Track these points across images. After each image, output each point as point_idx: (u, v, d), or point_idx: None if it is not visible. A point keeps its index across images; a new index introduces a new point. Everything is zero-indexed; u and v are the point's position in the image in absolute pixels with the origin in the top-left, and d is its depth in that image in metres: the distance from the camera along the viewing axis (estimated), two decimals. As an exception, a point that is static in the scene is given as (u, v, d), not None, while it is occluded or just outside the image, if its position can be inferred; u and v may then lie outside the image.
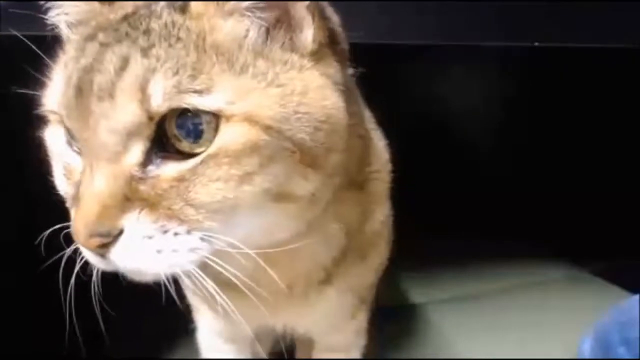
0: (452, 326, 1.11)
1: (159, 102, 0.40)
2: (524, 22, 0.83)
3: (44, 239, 0.52)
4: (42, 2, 0.50)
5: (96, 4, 0.48)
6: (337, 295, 0.64)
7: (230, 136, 0.41)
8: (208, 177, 0.42)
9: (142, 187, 0.41)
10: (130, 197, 0.41)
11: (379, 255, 0.68)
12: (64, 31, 0.50)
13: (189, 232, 0.42)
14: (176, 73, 0.41)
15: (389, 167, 0.66)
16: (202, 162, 0.41)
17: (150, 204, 0.41)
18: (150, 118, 0.41)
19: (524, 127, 1.59)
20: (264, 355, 0.87)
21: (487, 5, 0.80)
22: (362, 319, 0.77)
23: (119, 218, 0.41)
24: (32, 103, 0.48)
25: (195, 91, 0.41)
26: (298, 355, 0.89)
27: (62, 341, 0.59)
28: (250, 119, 0.42)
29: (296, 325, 0.70)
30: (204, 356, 0.80)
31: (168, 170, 0.42)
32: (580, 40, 0.85)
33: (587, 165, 1.51)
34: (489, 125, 1.61)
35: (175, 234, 0.42)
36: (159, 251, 0.42)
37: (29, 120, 0.50)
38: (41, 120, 0.50)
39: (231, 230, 0.44)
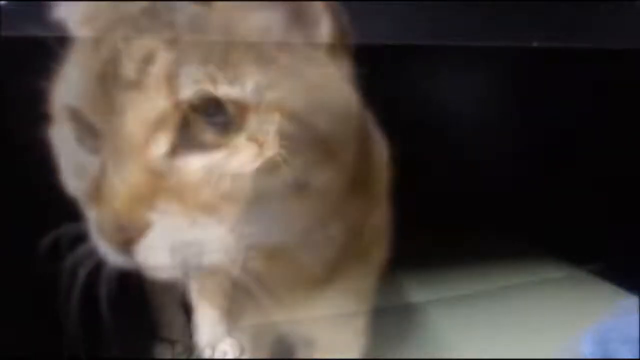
0: (452, 326, 1.11)
1: (188, 92, 0.40)
2: (523, 22, 0.83)
3: (46, 240, 0.52)
4: (43, 1, 0.50)
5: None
6: (337, 295, 0.64)
7: (258, 126, 0.42)
8: (238, 168, 0.42)
9: (170, 179, 0.41)
10: (158, 189, 0.41)
11: (379, 255, 0.68)
12: (71, 27, 0.50)
13: (217, 223, 0.42)
14: (205, 63, 0.41)
15: (388, 167, 0.67)
16: (230, 152, 0.42)
17: (179, 196, 0.41)
18: (178, 108, 0.41)
19: (524, 127, 1.59)
20: (264, 355, 0.87)
21: (487, 5, 0.80)
22: (362, 319, 0.77)
23: (147, 211, 0.40)
24: (27, 103, 0.48)
25: (224, 81, 0.41)
26: (298, 355, 0.89)
27: (61, 341, 0.59)
28: (278, 109, 0.42)
29: (296, 324, 0.70)
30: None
31: (195, 161, 0.42)
32: (580, 40, 0.85)
33: (587, 165, 1.51)
34: (488, 125, 1.61)
35: (205, 225, 0.42)
36: (188, 244, 0.42)
37: (28, 119, 0.49)
38: (45, 119, 0.49)
39: (254, 223, 0.44)
